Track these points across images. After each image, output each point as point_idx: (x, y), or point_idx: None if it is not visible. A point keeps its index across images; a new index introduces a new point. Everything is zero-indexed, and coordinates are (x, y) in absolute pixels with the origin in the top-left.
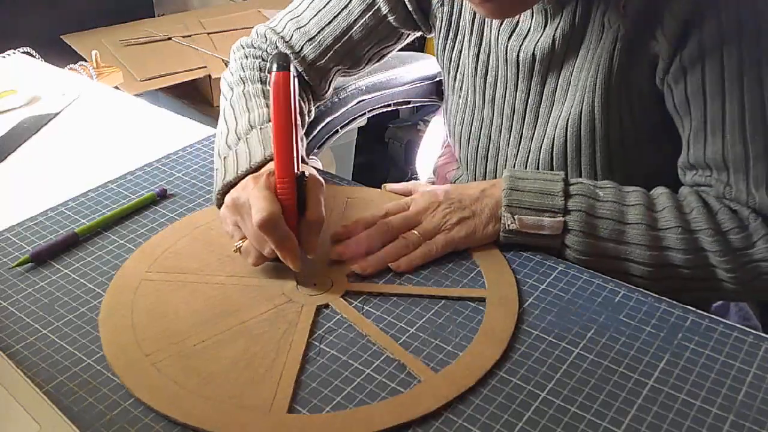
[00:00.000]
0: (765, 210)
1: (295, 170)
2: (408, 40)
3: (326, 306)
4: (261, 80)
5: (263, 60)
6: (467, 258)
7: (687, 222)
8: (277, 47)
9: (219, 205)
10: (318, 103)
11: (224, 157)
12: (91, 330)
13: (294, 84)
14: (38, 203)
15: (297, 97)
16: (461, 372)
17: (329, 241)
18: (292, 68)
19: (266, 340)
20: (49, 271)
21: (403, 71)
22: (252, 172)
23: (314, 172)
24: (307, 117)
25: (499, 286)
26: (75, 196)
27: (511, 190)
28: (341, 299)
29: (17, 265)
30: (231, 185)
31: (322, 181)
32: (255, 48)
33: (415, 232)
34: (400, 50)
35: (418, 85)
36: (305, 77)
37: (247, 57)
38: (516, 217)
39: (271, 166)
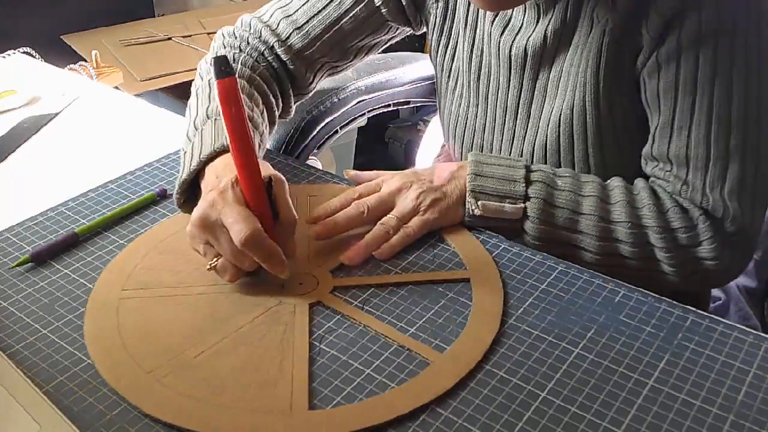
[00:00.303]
0: (715, 212)
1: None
2: (395, 39)
3: (318, 303)
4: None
5: (240, 50)
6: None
7: (638, 217)
8: (261, 35)
9: (179, 205)
10: (300, 98)
11: (184, 152)
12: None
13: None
14: (38, 203)
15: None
16: (467, 349)
17: (306, 228)
18: (237, 69)
19: (268, 344)
20: (49, 271)
21: (403, 71)
22: (203, 165)
23: (270, 168)
24: (277, 113)
25: (478, 265)
26: (75, 196)
27: (476, 176)
28: (331, 295)
29: (17, 265)
30: (187, 183)
31: (284, 178)
32: (235, 38)
33: (393, 215)
34: (399, 50)
35: (418, 85)
36: (290, 66)
37: (224, 46)
38: (480, 203)
39: (225, 159)
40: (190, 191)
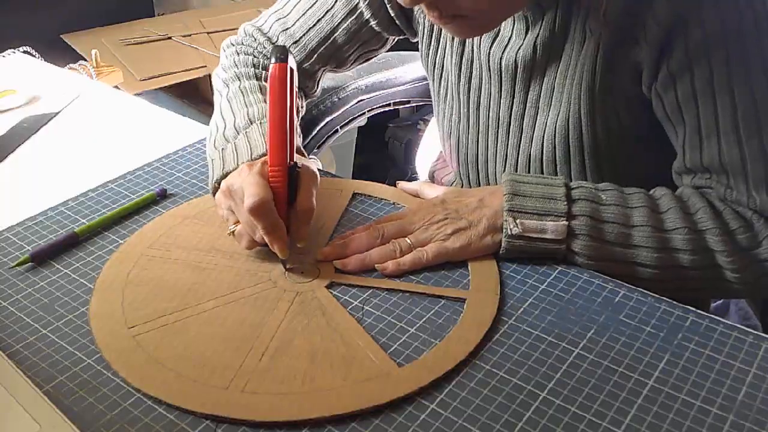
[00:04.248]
0: (766, 212)
1: (289, 160)
2: (394, 43)
3: (309, 294)
4: (256, 76)
5: (255, 57)
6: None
7: (693, 222)
8: (264, 48)
9: (214, 193)
10: (307, 101)
11: (222, 149)
12: (92, 330)
13: (293, 77)
14: (38, 203)
15: (296, 90)
16: (423, 368)
17: (319, 233)
18: (290, 60)
19: (242, 323)
20: (49, 271)
21: (403, 71)
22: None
23: (311, 165)
24: (301, 112)
25: (480, 290)
26: (75, 196)
27: (513, 195)
28: (325, 289)
29: (17, 265)
30: (226, 174)
31: (317, 173)
32: (245, 45)
33: (408, 240)
34: (400, 50)
35: (418, 84)
36: None
37: (239, 54)
38: (518, 221)
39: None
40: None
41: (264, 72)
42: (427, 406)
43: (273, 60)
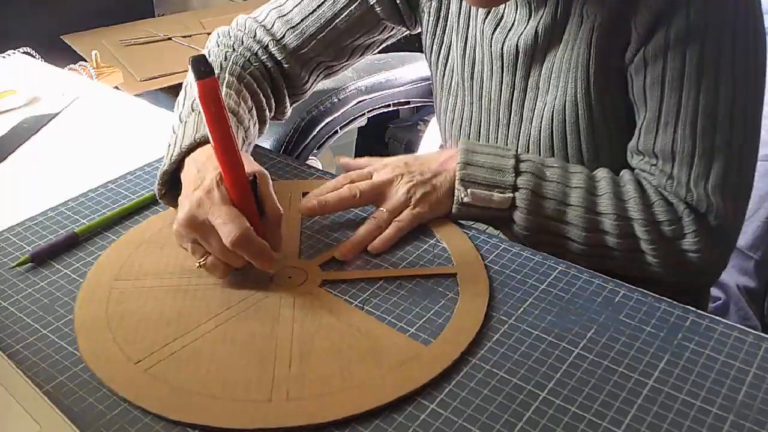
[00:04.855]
0: (699, 207)
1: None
2: (391, 39)
3: (307, 296)
4: (221, 68)
5: (233, 49)
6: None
7: (624, 209)
8: (255, 35)
9: (160, 196)
10: (296, 99)
11: (168, 144)
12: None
13: (218, 87)
14: (38, 203)
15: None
16: (450, 342)
17: (296, 223)
18: (218, 69)
19: (253, 336)
20: (49, 271)
21: (403, 71)
22: (184, 156)
23: (253, 162)
24: (267, 112)
25: (465, 262)
26: (75, 196)
27: (465, 164)
28: (320, 289)
29: (17, 265)
30: (167, 174)
31: (267, 173)
32: (229, 37)
33: (384, 209)
34: (399, 51)
35: (418, 85)
36: (285, 66)
37: (218, 45)
38: (469, 191)
39: (206, 152)
40: (171, 183)
41: (235, 67)
42: (427, 406)
43: (195, 77)
